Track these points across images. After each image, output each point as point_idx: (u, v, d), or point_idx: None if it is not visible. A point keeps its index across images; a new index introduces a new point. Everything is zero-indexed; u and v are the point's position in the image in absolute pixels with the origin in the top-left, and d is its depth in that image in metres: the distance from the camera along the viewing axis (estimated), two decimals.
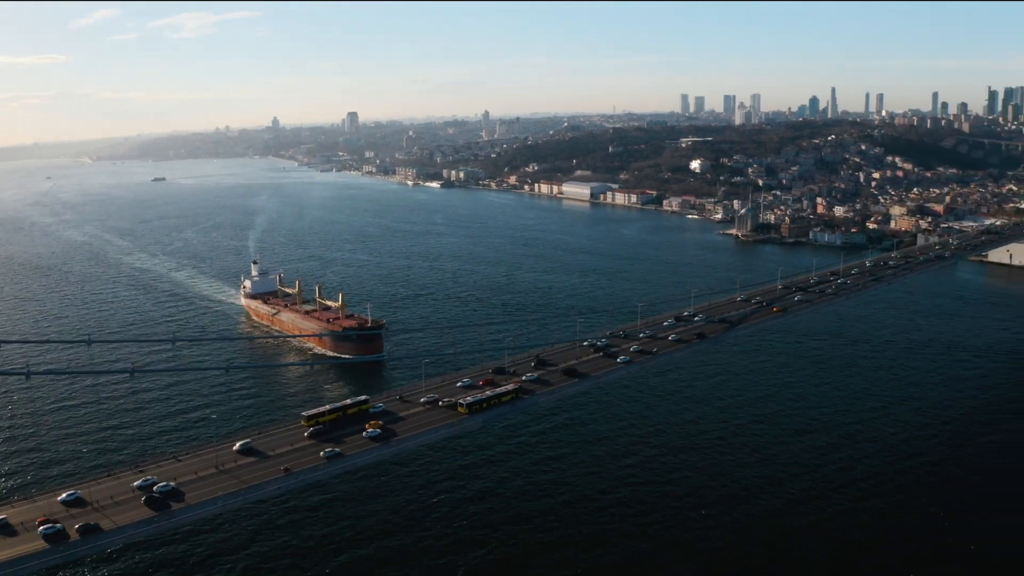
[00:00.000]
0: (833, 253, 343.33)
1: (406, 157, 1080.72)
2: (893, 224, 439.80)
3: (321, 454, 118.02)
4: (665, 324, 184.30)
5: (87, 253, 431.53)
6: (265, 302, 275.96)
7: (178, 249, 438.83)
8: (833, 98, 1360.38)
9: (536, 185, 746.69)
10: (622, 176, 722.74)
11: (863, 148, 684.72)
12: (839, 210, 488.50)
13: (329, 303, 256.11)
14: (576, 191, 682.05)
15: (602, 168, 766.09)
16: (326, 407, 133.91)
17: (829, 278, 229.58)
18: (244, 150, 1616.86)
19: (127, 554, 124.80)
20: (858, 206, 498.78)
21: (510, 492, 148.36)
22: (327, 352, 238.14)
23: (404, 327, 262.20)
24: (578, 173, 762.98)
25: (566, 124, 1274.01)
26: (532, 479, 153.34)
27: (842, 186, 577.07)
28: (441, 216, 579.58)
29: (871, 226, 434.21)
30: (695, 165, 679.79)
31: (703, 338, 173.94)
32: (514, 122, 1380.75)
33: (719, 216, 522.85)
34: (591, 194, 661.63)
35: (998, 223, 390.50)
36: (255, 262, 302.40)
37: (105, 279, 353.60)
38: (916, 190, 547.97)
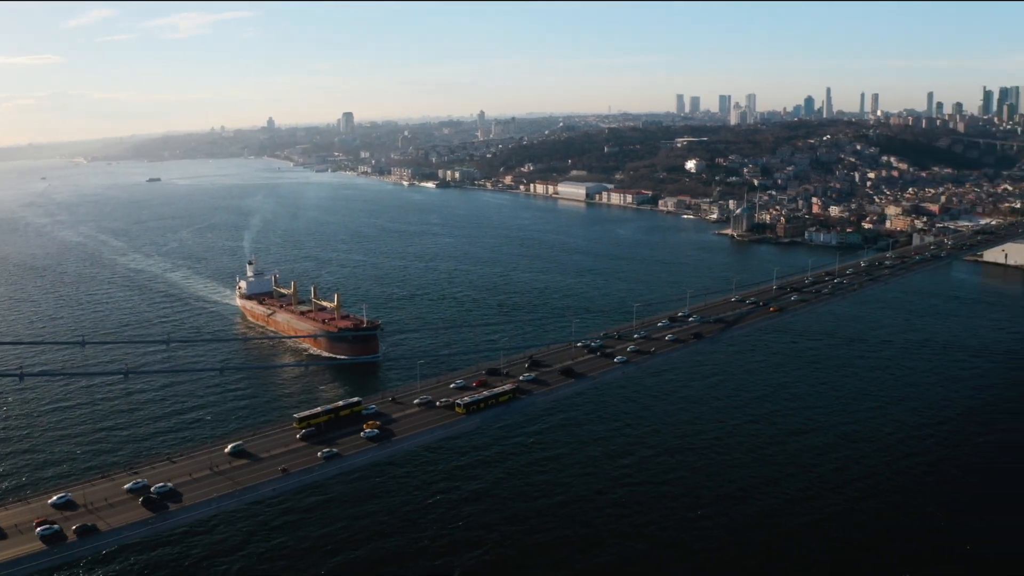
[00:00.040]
0: (829, 253, 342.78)
1: (401, 157, 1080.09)
2: (888, 224, 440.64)
3: (319, 454, 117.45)
4: (659, 325, 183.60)
5: (82, 254, 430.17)
6: (260, 303, 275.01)
7: (173, 250, 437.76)
8: (828, 98, 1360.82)
9: (531, 185, 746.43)
10: (617, 176, 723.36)
11: (858, 148, 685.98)
12: (834, 210, 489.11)
13: (325, 304, 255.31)
14: (571, 191, 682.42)
15: (597, 168, 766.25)
16: (318, 409, 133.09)
17: (824, 279, 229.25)
18: (239, 150, 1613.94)
19: (122, 555, 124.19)
20: (853, 206, 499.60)
21: (506, 493, 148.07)
22: (323, 353, 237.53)
23: (400, 328, 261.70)
24: (573, 173, 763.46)
25: (561, 124, 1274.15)
26: (528, 480, 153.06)
27: (837, 186, 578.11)
28: (436, 216, 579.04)
29: (867, 226, 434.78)
30: (690, 165, 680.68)
31: (700, 338, 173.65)
32: (509, 122, 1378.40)
33: (715, 216, 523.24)
34: (586, 194, 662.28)
35: (993, 223, 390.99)
36: (250, 262, 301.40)
37: (100, 280, 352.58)
38: (911, 190, 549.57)
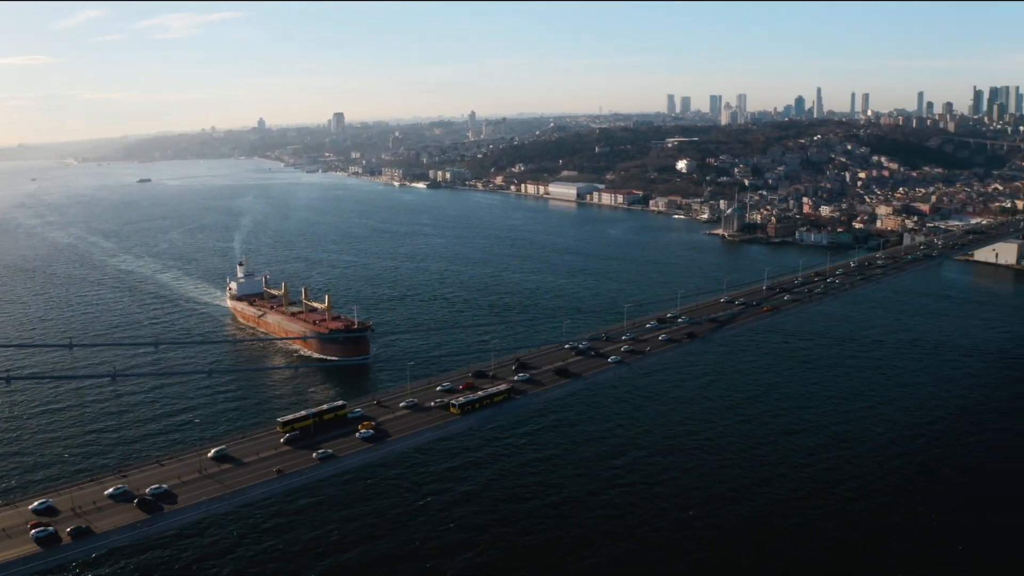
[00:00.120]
0: (819, 253, 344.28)
1: (392, 158, 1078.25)
2: (879, 224, 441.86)
3: (314, 455, 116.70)
4: (648, 326, 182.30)
5: (72, 255, 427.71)
6: (251, 304, 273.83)
7: (163, 251, 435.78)
8: (819, 98, 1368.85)
9: (522, 185, 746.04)
10: (608, 176, 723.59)
11: (849, 148, 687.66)
12: (825, 210, 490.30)
13: (315, 305, 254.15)
14: (562, 191, 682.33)
15: (588, 168, 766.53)
16: (302, 413, 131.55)
17: (814, 279, 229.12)
18: (230, 151, 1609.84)
19: (112, 559, 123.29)
20: (844, 206, 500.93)
21: (498, 494, 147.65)
22: (313, 354, 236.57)
23: (391, 329, 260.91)
24: (564, 173, 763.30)
25: (552, 124, 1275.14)
26: (520, 481, 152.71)
27: (828, 186, 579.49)
28: (427, 217, 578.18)
29: (857, 226, 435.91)
30: (681, 165, 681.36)
31: (693, 337, 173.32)
32: (500, 122, 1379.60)
33: (705, 216, 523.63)
34: (577, 194, 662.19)
35: (984, 222, 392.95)
36: (241, 263, 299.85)
37: (90, 281, 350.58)
38: (902, 190, 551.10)
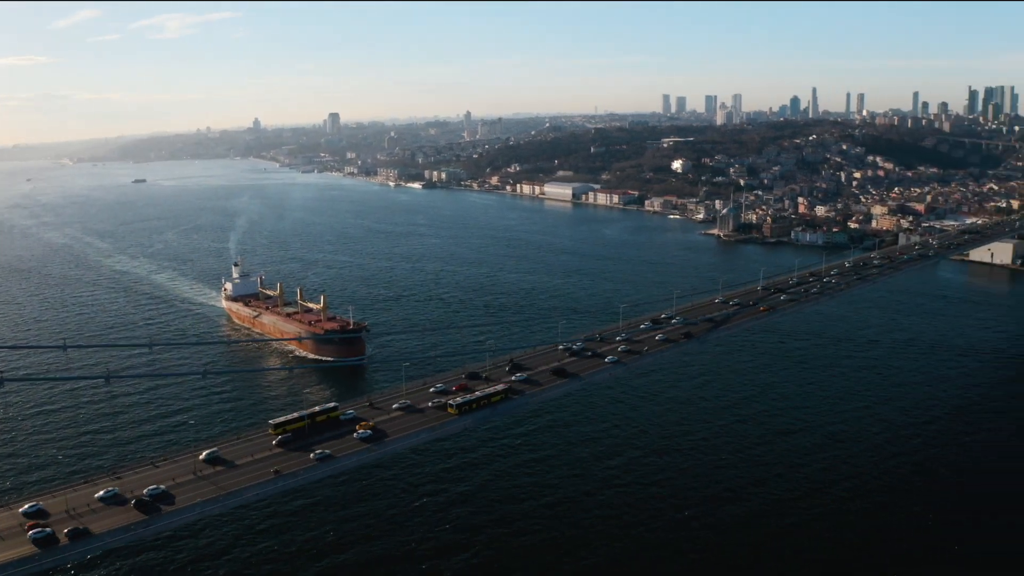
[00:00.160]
0: (815, 253, 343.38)
1: (388, 158, 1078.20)
2: (875, 224, 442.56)
3: (311, 456, 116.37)
4: (642, 327, 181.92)
5: (67, 255, 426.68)
6: (246, 304, 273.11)
7: (158, 251, 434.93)
8: (814, 98, 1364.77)
9: (518, 186, 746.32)
10: (604, 176, 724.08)
11: (844, 148, 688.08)
12: (820, 210, 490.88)
13: (311, 305, 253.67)
14: (558, 191, 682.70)
15: (584, 168, 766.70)
16: (294, 415, 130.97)
17: (809, 279, 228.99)
18: (225, 151, 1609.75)
19: (107, 560, 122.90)
20: (839, 206, 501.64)
21: (494, 495, 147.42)
22: (309, 355, 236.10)
23: (386, 329, 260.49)
24: (560, 173, 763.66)
25: (548, 124, 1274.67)
26: (516, 481, 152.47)
27: (823, 186, 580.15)
28: (423, 217, 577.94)
29: (853, 226, 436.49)
30: (677, 165, 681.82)
31: (689, 337, 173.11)
32: (496, 123, 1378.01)
33: (701, 216, 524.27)
34: (573, 194, 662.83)
35: (979, 222, 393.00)
36: (236, 264, 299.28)
37: (85, 282, 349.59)
38: (897, 189, 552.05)
